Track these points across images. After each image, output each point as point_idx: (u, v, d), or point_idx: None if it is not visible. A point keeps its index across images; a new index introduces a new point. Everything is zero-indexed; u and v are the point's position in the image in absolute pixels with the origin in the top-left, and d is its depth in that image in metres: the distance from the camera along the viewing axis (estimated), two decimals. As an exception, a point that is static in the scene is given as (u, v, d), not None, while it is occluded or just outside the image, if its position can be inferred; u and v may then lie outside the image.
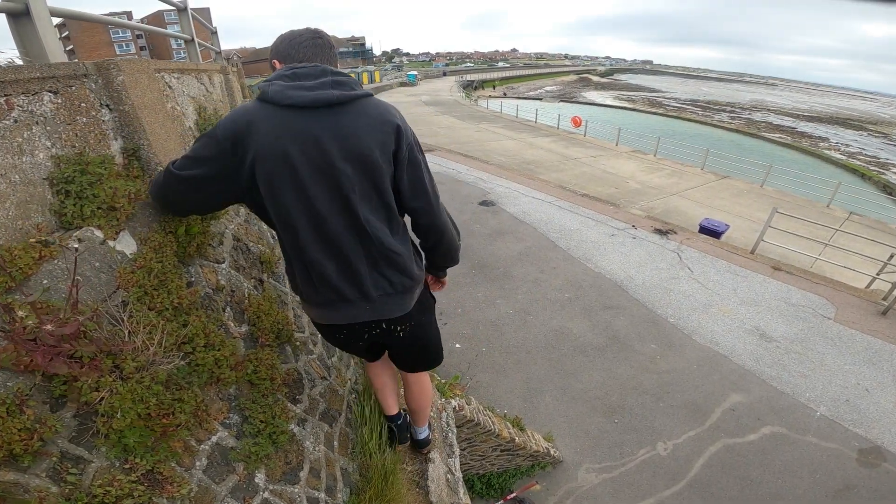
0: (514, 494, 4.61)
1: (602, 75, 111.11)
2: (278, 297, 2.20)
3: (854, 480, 4.88)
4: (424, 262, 1.75)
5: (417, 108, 30.55)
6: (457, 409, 3.67)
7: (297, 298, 2.44)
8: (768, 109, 61.82)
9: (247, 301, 1.87)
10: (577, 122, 25.86)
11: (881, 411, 5.75)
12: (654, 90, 75.44)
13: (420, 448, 2.69)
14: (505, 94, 56.00)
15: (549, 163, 17.86)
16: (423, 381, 2.26)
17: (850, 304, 8.19)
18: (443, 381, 3.92)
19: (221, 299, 1.71)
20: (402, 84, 47.42)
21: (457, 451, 3.12)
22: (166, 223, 1.52)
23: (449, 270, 1.95)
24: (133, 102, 1.52)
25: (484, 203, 11.42)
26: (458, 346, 6.51)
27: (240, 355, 1.65)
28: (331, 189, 1.33)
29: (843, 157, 33.86)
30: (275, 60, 1.45)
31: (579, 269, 8.62)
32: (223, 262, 1.84)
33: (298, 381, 2.09)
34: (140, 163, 1.59)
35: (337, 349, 2.84)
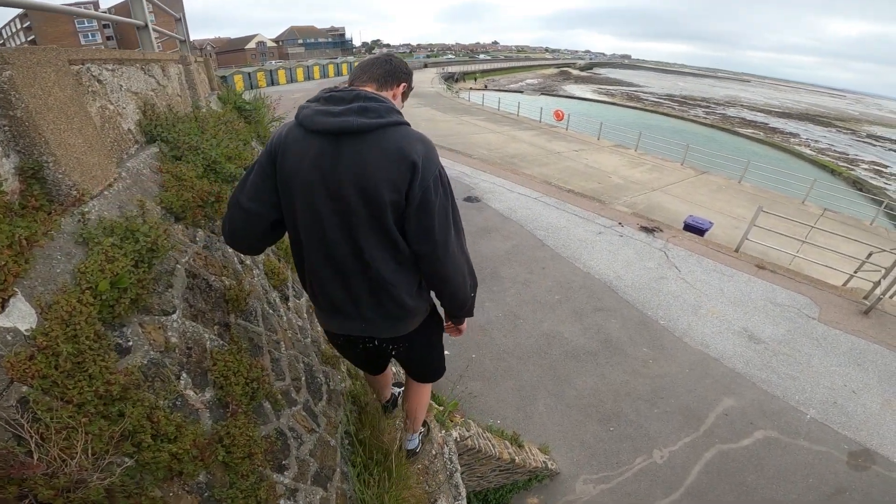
0: None
1: (582, 69, 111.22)
2: (250, 342, 1.81)
3: (845, 484, 4.80)
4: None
5: None
6: (458, 439, 3.37)
7: (278, 334, 2.07)
8: (742, 105, 62.84)
9: (210, 359, 1.47)
10: (559, 116, 25.66)
11: (868, 413, 5.69)
12: (632, 84, 76.08)
13: (407, 458, 2.69)
14: (486, 86, 55.53)
15: (532, 157, 17.59)
16: (422, 392, 2.40)
17: (832, 304, 8.16)
18: (440, 408, 3.60)
19: (174, 362, 1.31)
20: None
21: (463, 492, 2.82)
22: (82, 276, 1.09)
23: None
24: (28, 105, 1.11)
25: (469, 199, 11.07)
26: (447, 353, 6.17)
27: (205, 435, 1.27)
28: (339, 216, 1.33)
29: (814, 153, 34.60)
30: None
31: (568, 268, 8.38)
32: (173, 313, 1.43)
33: (283, 444, 1.73)
34: (44, 187, 1.18)
35: (325, 393, 2.52)
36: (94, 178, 1.38)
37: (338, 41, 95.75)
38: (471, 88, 47.77)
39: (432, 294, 1.68)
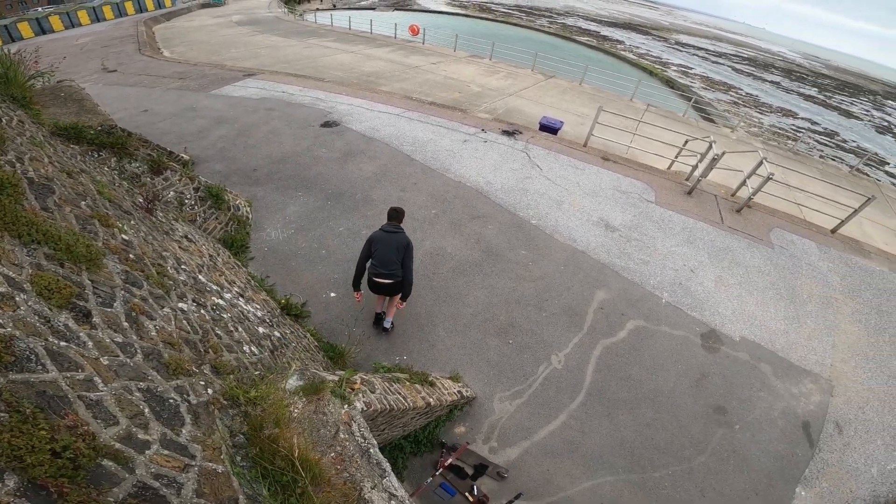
0: (449, 461, 4.01)
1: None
2: (42, 398, 1.29)
3: (706, 368, 5.12)
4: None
5: (228, 29, 24.31)
6: (365, 409, 2.72)
7: (85, 369, 1.65)
8: (578, 15, 65.14)
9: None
10: (414, 31, 23.90)
11: (707, 292, 6.15)
12: (482, -4, 73.97)
13: (384, 331, 5.09)
14: (335, 5, 49.19)
15: (390, 73, 16.10)
16: (395, 299, 4.91)
17: (664, 188, 8.85)
18: (336, 380, 2.83)
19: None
20: (205, 6, 37.14)
21: (387, 466, 2.28)
22: None
23: (304, 205, 6.84)
24: None
25: (327, 124, 9.62)
26: (332, 294, 5.36)
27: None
28: (387, 249, 4.45)
29: (635, 58, 37.63)
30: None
31: (439, 180, 7.81)
32: None
33: (156, 497, 1.39)
34: None
35: (186, 414, 1.85)
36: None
37: (136, -29, 74.69)
38: (317, 9, 41.86)
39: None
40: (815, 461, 4.47)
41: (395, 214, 4.61)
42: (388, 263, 4.43)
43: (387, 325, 5.02)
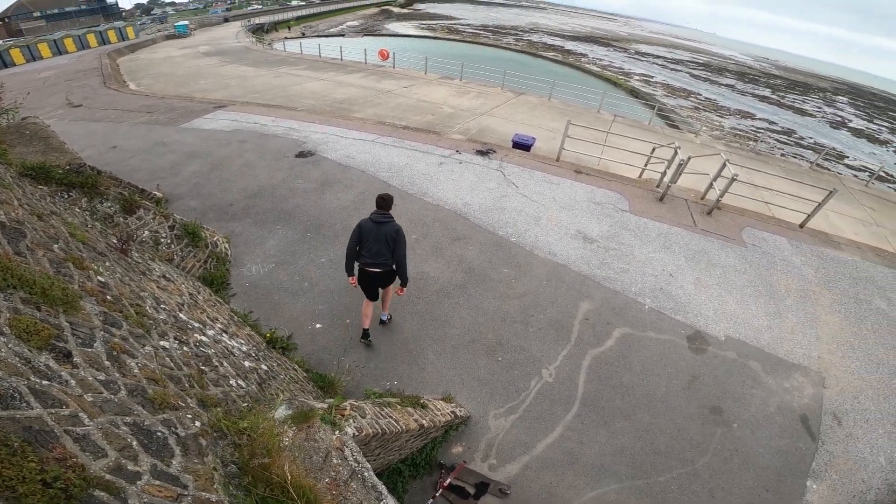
0: (448, 481, 3.96)
1: (402, 6, 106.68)
2: (28, 433, 1.32)
3: (695, 369, 5.16)
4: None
5: (195, 60, 24.13)
6: (356, 434, 2.70)
7: (70, 405, 1.73)
8: (542, 31, 67.48)
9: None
10: (384, 56, 24.39)
11: (687, 294, 6.27)
12: (451, 17, 75.66)
13: (381, 324, 5.39)
14: (303, 33, 49.92)
15: (363, 99, 16.31)
16: (388, 290, 5.06)
17: (637, 196, 9.09)
18: (325, 408, 2.83)
19: None
20: (170, 37, 37.10)
21: (383, 489, 2.27)
22: None
23: (283, 238, 6.79)
24: None
25: (301, 154, 9.64)
26: (318, 325, 5.29)
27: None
28: (376, 241, 4.42)
29: (599, 70, 39.09)
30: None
31: (418, 205, 7.87)
32: None
33: None
34: None
35: (176, 446, 1.91)
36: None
37: (96, 7, 73.14)
38: (286, 38, 42.46)
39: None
40: (821, 454, 4.52)
41: (383, 202, 4.47)
42: (377, 255, 4.41)
43: (383, 317, 5.35)
